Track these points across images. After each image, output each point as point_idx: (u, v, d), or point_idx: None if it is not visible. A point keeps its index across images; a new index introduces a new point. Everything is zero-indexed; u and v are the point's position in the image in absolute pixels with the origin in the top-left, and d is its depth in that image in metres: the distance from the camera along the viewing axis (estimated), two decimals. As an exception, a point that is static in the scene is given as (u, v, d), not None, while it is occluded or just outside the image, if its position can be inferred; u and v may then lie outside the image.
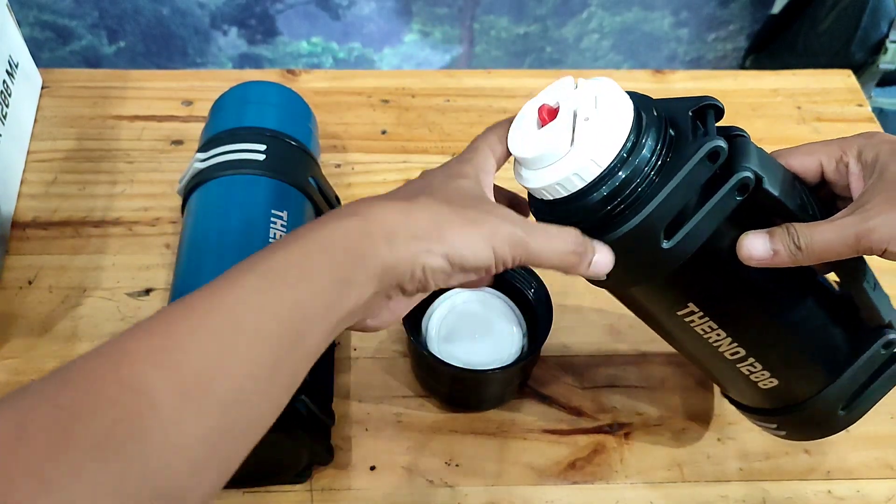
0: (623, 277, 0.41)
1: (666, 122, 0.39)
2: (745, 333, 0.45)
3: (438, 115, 0.76)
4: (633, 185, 0.38)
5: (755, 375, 0.47)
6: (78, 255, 0.64)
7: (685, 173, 0.37)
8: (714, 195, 0.38)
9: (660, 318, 0.46)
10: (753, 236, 0.40)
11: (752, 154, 0.39)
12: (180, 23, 1.40)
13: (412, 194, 0.38)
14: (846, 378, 0.45)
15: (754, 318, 0.44)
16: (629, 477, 0.56)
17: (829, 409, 0.47)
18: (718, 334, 0.44)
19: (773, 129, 0.77)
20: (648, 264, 0.40)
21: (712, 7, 1.48)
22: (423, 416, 0.57)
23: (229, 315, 0.31)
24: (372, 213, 0.35)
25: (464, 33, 1.48)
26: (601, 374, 0.60)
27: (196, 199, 0.57)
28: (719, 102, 0.40)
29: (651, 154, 0.38)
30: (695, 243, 0.39)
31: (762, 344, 0.45)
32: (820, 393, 0.46)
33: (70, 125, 0.73)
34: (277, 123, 0.60)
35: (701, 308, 0.43)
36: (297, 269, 0.33)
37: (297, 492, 0.54)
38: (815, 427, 0.49)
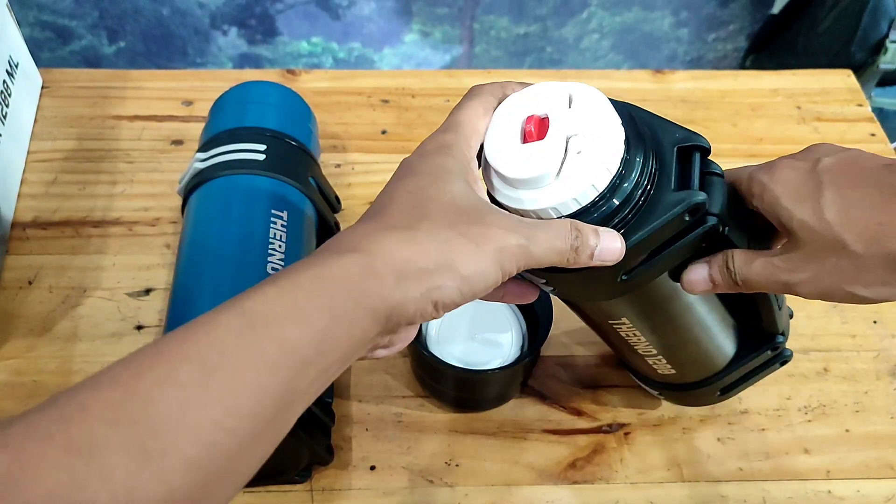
0: (572, 296, 0.44)
1: (653, 157, 0.38)
2: (662, 339, 0.48)
3: (438, 115, 0.76)
4: (611, 223, 0.37)
5: (659, 366, 0.51)
6: (78, 255, 0.64)
7: (661, 224, 0.37)
8: (680, 241, 0.38)
9: (593, 321, 0.49)
10: (696, 269, 0.41)
11: (721, 198, 0.39)
12: (180, 23, 1.40)
13: (412, 217, 0.34)
14: (732, 373, 0.51)
15: (674, 332, 0.47)
16: (629, 477, 0.56)
17: (709, 393, 0.53)
18: (639, 339, 0.48)
19: (773, 129, 0.77)
20: (599, 291, 0.41)
21: (712, 7, 1.48)
22: (423, 416, 0.57)
23: (202, 362, 0.28)
24: (376, 248, 0.32)
25: (464, 33, 1.48)
26: (601, 374, 0.60)
27: (196, 199, 0.57)
28: (707, 143, 0.39)
29: (630, 196, 0.37)
30: (651, 278, 0.40)
31: (674, 347, 0.49)
32: (706, 381, 0.52)
33: (70, 125, 0.73)
34: (277, 123, 0.60)
35: (632, 323, 0.46)
36: (287, 310, 0.30)
37: (297, 492, 0.54)
38: (692, 401, 0.56)
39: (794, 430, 0.58)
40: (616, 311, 0.45)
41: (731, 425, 0.58)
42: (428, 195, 0.35)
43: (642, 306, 0.44)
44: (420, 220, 0.34)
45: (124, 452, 0.25)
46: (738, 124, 0.78)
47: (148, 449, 0.26)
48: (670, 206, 0.37)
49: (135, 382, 0.27)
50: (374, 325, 0.32)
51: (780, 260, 0.39)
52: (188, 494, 0.27)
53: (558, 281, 0.40)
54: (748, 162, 0.43)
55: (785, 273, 0.39)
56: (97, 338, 0.59)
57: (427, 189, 0.35)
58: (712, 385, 0.52)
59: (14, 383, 0.57)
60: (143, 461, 0.26)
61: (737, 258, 0.40)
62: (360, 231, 0.34)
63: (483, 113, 0.39)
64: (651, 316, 0.45)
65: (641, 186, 0.37)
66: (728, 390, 0.53)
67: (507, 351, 0.55)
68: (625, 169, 0.37)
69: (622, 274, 0.39)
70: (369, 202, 0.69)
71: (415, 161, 0.37)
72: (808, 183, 0.38)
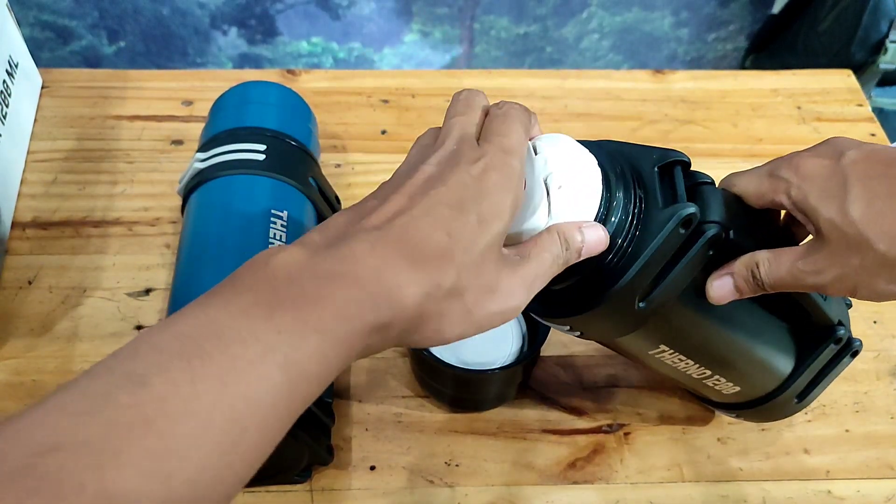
0: (596, 334, 0.43)
1: (635, 182, 0.38)
2: (710, 358, 0.47)
3: (438, 115, 0.75)
4: (611, 252, 0.38)
5: (720, 386, 0.49)
6: (78, 255, 0.64)
7: (658, 244, 0.37)
8: (685, 256, 0.38)
9: (634, 355, 0.47)
10: (718, 280, 0.41)
11: (719, 204, 0.39)
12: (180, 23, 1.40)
13: (436, 256, 0.32)
14: (801, 376, 0.49)
15: (718, 347, 0.46)
16: (629, 477, 0.56)
17: (785, 402, 0.51)
18: (687, 363, 0.46)
19: (773, 129, 0.77)
20: (623, 323, 0.41)
21: (712, 7, 1.48)
22: (423, 416, 0.58)
23: (225, 408, 0.26)
24: (392, 304, 0.31)
25: (464, 33, 1.48)
26: (601, 374, 0.60)
27: (196, 199, 0.57)
28: (685, 156, 0.40)
29: (623, 225, 0.38)
30: (669, 299, 0.40)
31: (724, 365, 0.48)
32: (777, 391, 0.50)
33: (70, 125, 0.73)
34: (277, 123, 0.60)
35: (671, 347, 0.45)
36: (308, 341, 0.29)
37: (297, 492, 0.54)
38: (771, 415, 0.53)
39: (794, 430, 0.58)
40: (651, 340, 0.44)
41: (731, 425, 0.58)
42: (458, 220, 0.34)
43: (675, 330, 0.44)
44: (443, 264, 0.32)
45: (143, 464, 0.24)
46: (738, 124, 0.78)
47: (167, 455, 0.25)
48: (662, 224, 0.37)
49: (157, 392, 0.25)
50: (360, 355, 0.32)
51: (805, 263, 0.39)
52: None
53: (581, 323, 0.41)
54: (748, 162, 0.43)
55: (811, 276, 0.39)
56: (97, 338, 0.59)
57: (454, 207, 0.34)
58: (784, 394, 0.50)
59: (14, 383, 0.57)
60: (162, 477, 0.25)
61: (761, 264, 0.40)
62: (374, 261, 0.32)
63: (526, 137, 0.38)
64: (688, 337, 0.45)
65: (630, 213, 0.38)
66: (805, 395, 0.51)
67: (507, 351, 0.55)
68: (609, 193, 0.37)
69: (638, 302, 0.39)
70: (369, 202, 0.69)
71: (443, 155, 0.36)
72: (834, 179, 0.38)
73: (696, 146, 0.75)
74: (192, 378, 0.26)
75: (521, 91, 0.78)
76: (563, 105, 0.77)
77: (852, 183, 0.37)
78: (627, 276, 0.38)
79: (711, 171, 0.43)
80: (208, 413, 0.26)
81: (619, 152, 0.40)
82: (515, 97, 0.77)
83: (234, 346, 0.27)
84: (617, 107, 0.78)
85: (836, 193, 0.37)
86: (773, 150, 0.74)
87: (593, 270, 0.38)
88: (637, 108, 0.78)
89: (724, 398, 0.52)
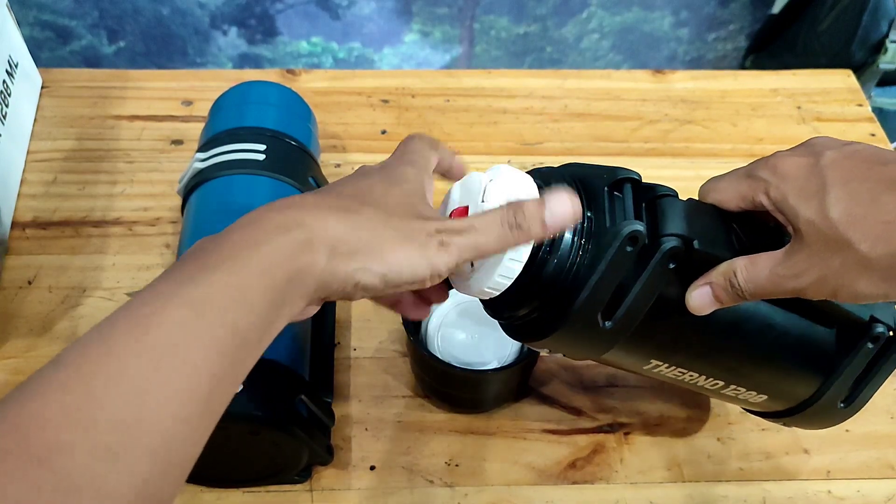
0: (577, 354, 0.43)
1: (584, 203, 0.39)
2: (715, 370, 0.45)
3: (438, 115, 0.76)
4: (562, 276, 0.38)
5: (743, 395, 0.48)
6: (78, 255, 0.64)
7: (606, 263, 0.37)
8: (643, 272, 0.38)
9: (633, 371, 0.46)
10: (696, 290, 0.40)
11: (678, 216, 0.39)
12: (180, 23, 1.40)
13: (356, 202, 0.36)
14: (839, 378, 0.46)
15: (720, 357, 0.45)
16: (629, 477, 0.56)
17: (828, 406, 0.48)
18: (691, 375, 0.45)
19: (773, 129, 0.77)
20: (595, 342, 0.41)
21: (712, 7, 1.48)
22: (423, 416, 0.57)
23: (155, 357, 0.28)
24: (316, 224, 0.33)
25: (464, 33, 1.48)
26: (601, 374, 0.60)
27: (196, 199, 0.57)
28: (634, 173, 0.40)
29: (571, 243, 0.38)
30: (637, 316, 0.40)
31: (736, 374, 0.46)
32: (813, 396, 0.47)
33: (70, 125, 0.73)
34: (277, 123, 0.60)
35: (663, 361, 0.44)
36: (234, 296, 0.31)
37: (297, 492, 0.54)
38: (817, 422, 0.50)
39: (794, 430, 0.58)
40: (637, 356, 0.43)
41: (731, 425, 0.58)
42: (377, 189, 0.37)
43: (661, 344, 0.43)
44: (362, 206, 0.36)
45: (89, 456, 0.26)
46: (738, 124, 0.78)
47: (112, 449, 0.26)
48: (608, 244, 0.37)
49: (87, 383, 0.27)
50: (302, 300, 0.33)
51: (783, 267, 0.38)
52: (156, 485, 0.27)
53: (553, 345, 0.41)
54: (748, 162, 0.43)
55: (791, 280, 0.38)
56: (97, 338, 0.59)
57: (377, 184, 0.38)
58: (822, 400, 0.47)
59: (13, 383, 0.57)
60: (109, 461, 0.26)
61: (739, 272, 0.39)
62: (306, 206, 0.35)
63: (432, 148, 0.42)
64: (679, 350, 0.44)
65: (580, 233, 0.38)
66: (852, 399, 0.48)
67: (507, 351, 0.55)
68: None
69: (603, 321, 0.39)
70: (369, 202, 0.69)
71: (373, 167, 0.40)
72: (813, 179, 0.37)
73: (696, 146, 0.75)
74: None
75: (521, 91, 0.78)
76: (563, 105, 0.77)
77: (832, 183, 0.36)
78: (581, 296, 0.38)
79: (711, 171, 0.42)
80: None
81: (572, 174, 0.40)
82: (515, 97, 0.77)
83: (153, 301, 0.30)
84: (617, 107, 0.78)
85: (816, 194, 0.36)
86: (773, 149, 0.73)
87: (553, 293, 0.39)
88: (637, 108, 0.78)
89: (758, 406, 0.50)
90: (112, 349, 0.28)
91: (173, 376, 0.28)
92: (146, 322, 0.29)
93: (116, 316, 0.30)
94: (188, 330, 0.29)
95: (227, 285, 0.31)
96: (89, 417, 0.26)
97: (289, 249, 0.32)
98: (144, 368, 0.28)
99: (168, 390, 0.28)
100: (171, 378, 0.28)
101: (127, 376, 0.27)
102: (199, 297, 0.30)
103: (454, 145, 0.73)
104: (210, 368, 0.29)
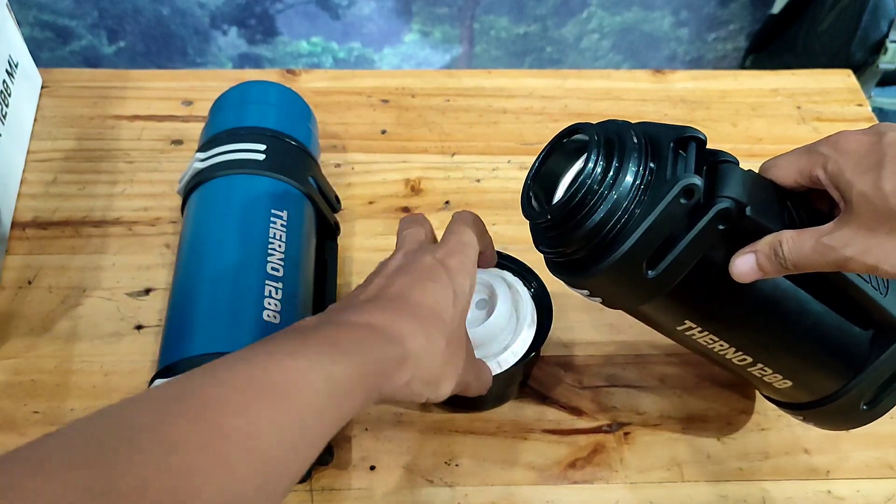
0: (615, 301, 0.44)
1: (647, 151, 0.40)
2: (747, 344, 0.46)
3: (438, 115, 0.76)
4: (615, 218, 0.39)
5: (768, 378, 0.48)
6: (78, 255, 0.64)
7: (660, 211, 0.39)
8: (694, 227, 0.39)
9: (665, 331, 0.47)
10: (741, 257, 0.41)
11: (736, 181, 0.39)
12: (180, 23, 1.40)
13: (432, 323, 0.40)
14: (865, 378, 0.46)
15: (753, 331, 0.45)
16: (629, 477, 0.56)
17: (851, 405, 0.48)
18: (721, 345, 0.46)
19: (773, 129, 0.77)
20: (637, 291, 0.42)
21: (712, 7, 1.48)
22: (423, 416, 0.57)
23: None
24: (414, 357, 0.39)
25: (464, 33, 1.48)
26: (601, 374, 0.60)
27: (196, 199, 0.57)
28: (701, 134, 0.41)
29: (631, 187, 0.39)
30: (680, 271, 0.40)
31: (766, 352, 0.46)
32: (839, 392, 0.47)
33: (70, 125, 0.73)
34: (277, 123, 0.60)
35: (697, 324, 0.44)
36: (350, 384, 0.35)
37: (297, 492, 0.54)
38: (837, 421, 0.50)
39: (794, 430, 0.58)
40: (673, 314, 0.44)
41: (730, 425, 0.58)
42: (444, 303, 0.42)
43: (698, 307, 0.43)
44: (436, 330, 0.41)
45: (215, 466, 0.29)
46: (738, 124, 0.78)
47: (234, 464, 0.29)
48: (665, 193, 0.38)
49: (224, 419, 0.30)
50: (371, 401, 0.38)
51: (830, 238, 0.38)
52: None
53: (593, 286, 0.42)
54: (748, 162, 0.43)
55: (835, 251, 0.38)
56: (96, 338, 0.59)
57: (444, 299, 0.42)
58: (845, 398, 0.47)
59: (13, 383, 0.57)
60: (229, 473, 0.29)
61: (785, 242, 0.39)
62: (410, 330, 0.39)
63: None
64: (714, 316, 0.44)
65: (639, 178, 0.40)
66: (876, 402, 0.47)
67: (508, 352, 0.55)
68: (619, 158, 0.40)
69: (646, 269, 0.40)
70: (370, 202, 0.69)
71: (437, 264, 0.43)
72: (872, 156, 0.38)
73: (696, 146, 0.75)
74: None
75: (521, 91, 0.78)
76: (563, 105, 0.77)
77: (889, 159, 0.37)
78: (630, 240, 0.39)
79: (711, 170, 0.42)
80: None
81: (640, 127, 0.42)
82: (515, 97, 0.77)
83: (287, 359, 0.34)
84: (617, 107, 0.78)
85: (873, 168, 0.37)
86: (773, 149, 0.73)
87: (603, 233, 0.40)
88: (637, 108, 0.78)
89: (780, 395, 0.50)
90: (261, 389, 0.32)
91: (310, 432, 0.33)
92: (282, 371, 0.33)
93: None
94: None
95: (348, 371, 0.36)
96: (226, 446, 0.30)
97: (383, 362, 0.37)
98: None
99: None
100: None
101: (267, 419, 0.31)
102: (332, 375, 0.35)
103: (454, 145, 0.73)
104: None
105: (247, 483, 0.29)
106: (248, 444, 0.30)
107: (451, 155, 0.73)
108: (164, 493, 0.26)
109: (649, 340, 0.62)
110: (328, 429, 0.34)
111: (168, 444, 0.28)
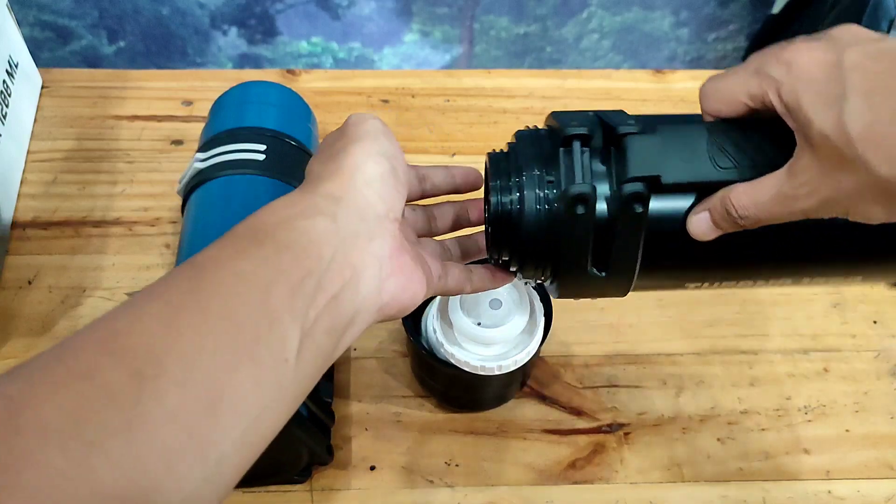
0: (595, 297, 0.42)
1: (545, 163, 0.38)
2: (769, 276, 0.40)
3: (438, 115, 0.76)
4: (533, 241, 0.39)
5: (813, 282, 0.42)
6: (78, 255, 0.64)
7: (565, 226, 0.37)
8: (615, 221, 0.37)
9: (691, 287, 0.42)
10: (695, 216, 0.37)
11: (640, 155, 0.36)
12: (180, 23, 1.40)
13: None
14: None
15: (765, 264, 0.40)
16: (629, 477, 0.56)
17: None
18: (743, 283, 0.41)
19: (773, 129, 0.77)
20: (608, 289, 0.40)
21: (712, 7, 1.48)
22: (423, 416, 0.57)
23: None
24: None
25: (464, 33, 1.48)
26: (601, 374, 0.60)
27: (196, 199, 0.57)
28: (583, 129, 0.38)
29: (534, 212, 0.38)
30: (632, 260, 0.38)
31: (797, 271, 0.41)
32: None
33: (70, 125, 0.73)
34: (277, 123, 0.60)
35: (700, 282, 0.41)
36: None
37: (297, 492, 0.54)
38: None
39: (794, 430, 0.58)
40: (669, 282, 0.41)
41: (730, 425, 0.58)
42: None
43: (687, 270, 0.40)
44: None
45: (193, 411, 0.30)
46: (738, 124, 0.77)
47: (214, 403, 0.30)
48: (559, 210, 0.37)
49: (197, 356, 0.30)
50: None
51: (790, 186, 0.34)
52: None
53: (562, 293, 0.41)
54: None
55: (799, 200, 0.34)
56: (97, 338, 0.59)
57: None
58: None
59: (14, 383, 0.57)
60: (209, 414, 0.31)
61: (735, 199, 0.35)
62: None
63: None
64: (710, 271, 0.40)
65: (541, 200, 0.38)
66: None
67: (507, 351, 0.55)
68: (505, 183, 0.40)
69: (598, 272, 0.38)
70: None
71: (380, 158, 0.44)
72: (832, 84, 0.32)
73: (696, 146, 0.75)
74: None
75: (521, 91, 0.78)
76: (563, 105, 0.77)
77: (853, 91, 0.31)
78: (560, 256, 0.38)
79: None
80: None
81: (535, 138, 0.41)
82: (515, 97, 0.77)
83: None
84: (617, 106, 0.77)
85: (834, 102, 0.31)
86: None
87: (536, 254, 0.39)
88: (637, 108, 0.77)
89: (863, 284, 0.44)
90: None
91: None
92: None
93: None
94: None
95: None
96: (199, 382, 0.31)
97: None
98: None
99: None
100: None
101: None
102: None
103: (454, 145, 0.73)
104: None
105: None
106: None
107: (452, 155, 0.73)
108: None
109: (649, 340, 0.62)
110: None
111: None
